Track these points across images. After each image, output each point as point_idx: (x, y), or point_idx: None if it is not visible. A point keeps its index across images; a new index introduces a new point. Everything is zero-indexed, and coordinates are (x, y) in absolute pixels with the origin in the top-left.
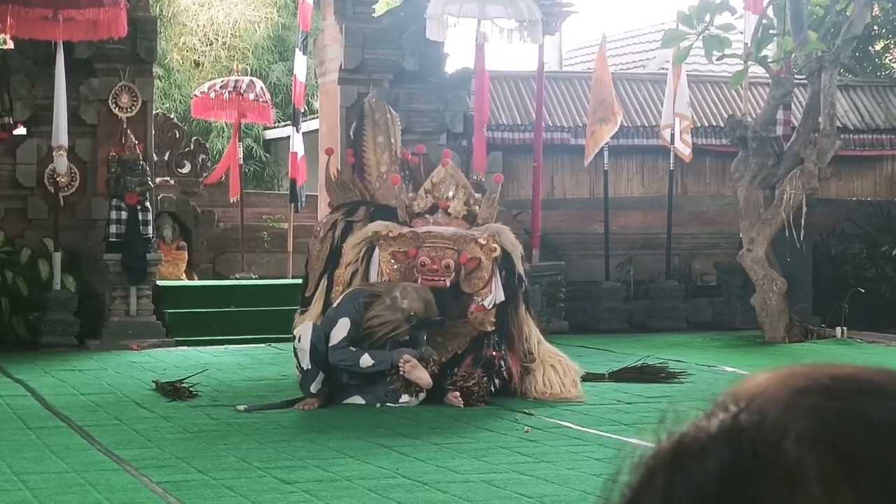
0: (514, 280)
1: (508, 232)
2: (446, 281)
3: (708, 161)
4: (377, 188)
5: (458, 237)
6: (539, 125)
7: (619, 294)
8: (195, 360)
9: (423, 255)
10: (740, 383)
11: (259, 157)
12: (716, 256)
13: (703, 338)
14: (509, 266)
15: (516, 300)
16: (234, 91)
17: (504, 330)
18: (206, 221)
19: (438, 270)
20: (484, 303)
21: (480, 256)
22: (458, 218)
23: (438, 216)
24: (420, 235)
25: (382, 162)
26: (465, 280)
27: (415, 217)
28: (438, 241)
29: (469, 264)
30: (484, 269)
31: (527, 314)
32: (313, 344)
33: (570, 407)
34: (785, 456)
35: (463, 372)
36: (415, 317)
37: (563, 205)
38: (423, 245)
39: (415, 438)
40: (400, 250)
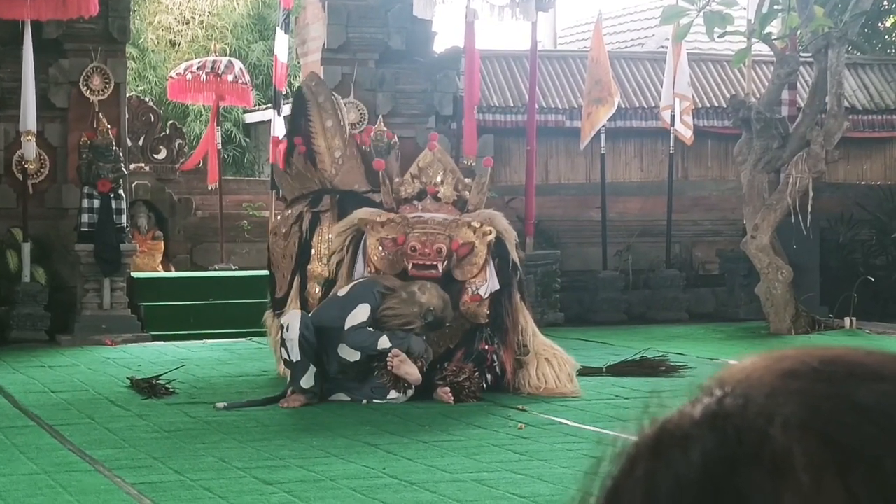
0: (507, 268)
1: (501, 217)
2: (439, 267)
3: (710, 144)
4: (334, 174)
5: (449, 222)
6: (532, 107)
7: (617, 284)
8: (172, 356)
9: (414, 241)
10: (727, 367)
11: (239, 142)
12: (718, 244)
13: (706, 329)
14: (503, 253)
15: (511, 289)
16: (212, 72)
17: (498, 322)
18: (182, 210)
19: (430, 255)
20: (479, 291)
21: (474, 241)
22: (448, 203)
23: (427, 202)
24: (409, 221)
25: (335, 147)
26: (457, 267)
27: (402, 203)
28: (429, 227)
29: (461, 250)
30: (478, 255)
31: (521, 304)
32: (301, 334)
33: (566, 403)
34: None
35: (453, 366)
36: (432, 314)
37: (558, 190)
38: (413, 231)
39: (402, 436)
40: (388, 237)
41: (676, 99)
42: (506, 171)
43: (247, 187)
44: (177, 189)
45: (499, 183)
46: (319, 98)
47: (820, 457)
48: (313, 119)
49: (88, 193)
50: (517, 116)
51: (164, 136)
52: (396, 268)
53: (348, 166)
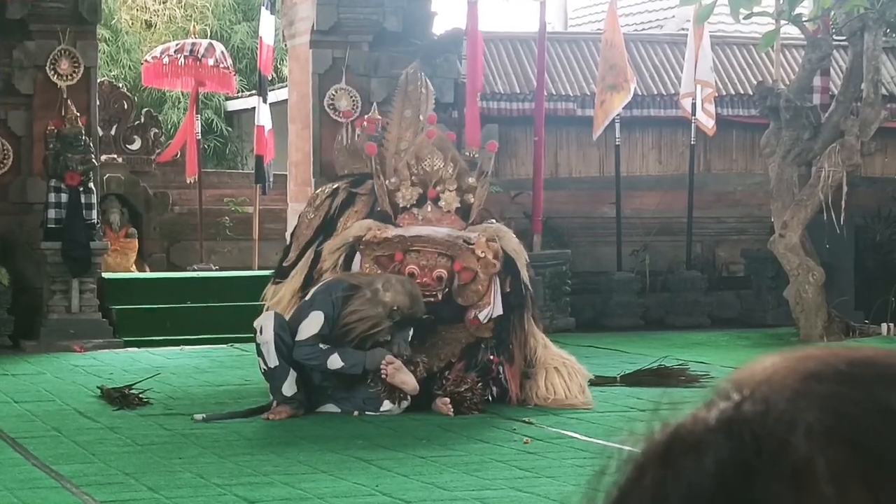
0: (519, 288)
1: (511, 235)
2: (438, 295)
3: (734, 134)
4: (392, 164)
5: (451, 242)
6: (541, 94)
7: (633, 286)
8: (146, 364)
9: (412, 264)
10: (745, 369)
11: (220, 132)
12: (743, 243)
13: (729, 336)
14: (513, 272)
15: (522, 310)
16: (191, 56)
17: (503, 340)
18: (158, 205)
19: (430, 284)
20: (479, 315)
21: (477, 269)
22: (451, 212)
23: (427, 210)
24: (408, 240)
25: (404, 138)
26: (458, 291)
27: (400, 212)
28: (429, 247)
29: (464, 275)
30: (479, 283)
31: (532, 324)
32: (277, 335)
33: (577, 415)
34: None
35: (455, 376)
36: (398, 312)
37: (569, 185)
38: (411, 249)
39: (397, 451)
40: (384, 254)
41: (698, 86)
42: (511, 164)
43: (228, 181)
44: (152, 182)
45: (504, 176)
46: (409, 87)
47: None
48: (395, 105)
49: (55, 187)
50: (524, 104)
51: (138, 125)
52: None
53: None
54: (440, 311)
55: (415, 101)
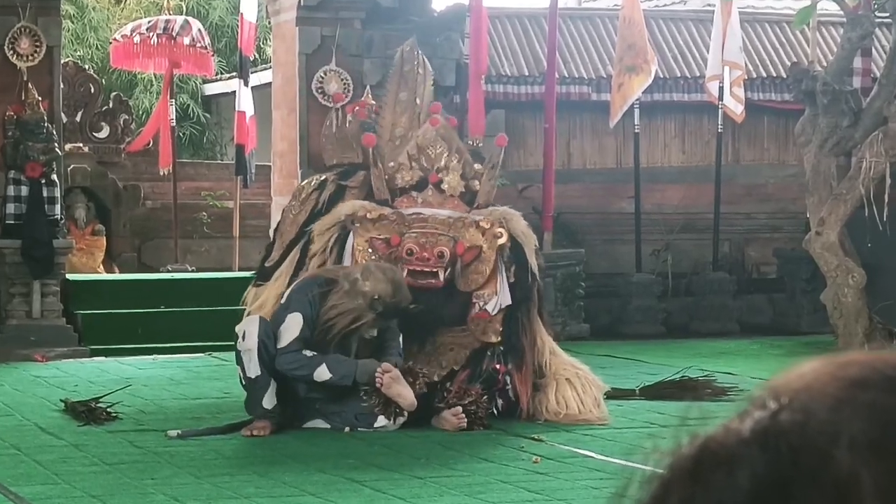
0: (526, 278)
1: (519, 217)
2: (439, 275)
3: (766, 121)
4: (387, 153)
5: (454, 221)
6: (552, 76)
7: (654, 289)
8: (115, 374)
9: (410, 242)
10: (783, 376)
11: (197, 118)
12: (776, 242)
13: (760, 344)
14: (520, 260)
15: (528, 303)
16: (165, 34)
17: (512, 341)
18: (129, 199)
19: (430, 260)
20: (486, 307)
21: (481, 244)
22: (454, 197)
23: (428, 193)
24: (406, 218)
25: (399, 124)
26: (461, 276)
27: (398, 195)
28: (429, 227)
29: (467, 255)
30: (485, 262)
31: (539, 321)
32: (261, 342)
33: (591, 431)
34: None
35: (457, 388)
36: (380, 302)
37: (583, 177)
38: (410, 230)
39: (393, 471)
40: (380, 237)
41: (726, 67)
42: (519, 154)
43: (206, 172)
44: (122, 174)
45: (511, 168)
46: (405, 67)
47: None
48: (389, 88)
49: (15, 179)
50: (533, 88)
51: (106, 111)
52: None
53: (402, 149)
54: (441, 310)
55: (411, 83)
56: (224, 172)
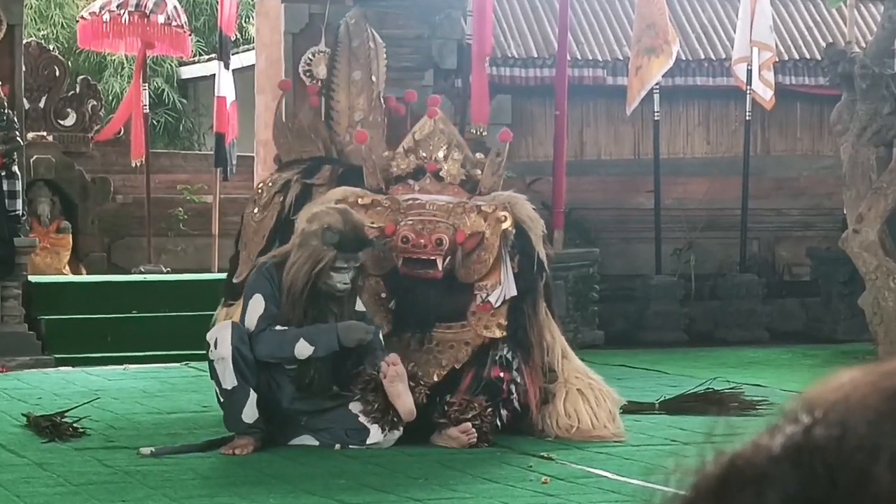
0: (531, 267)
1: (525, 202)
2: (437, 263)
3: (799, 108)
4: (348, 142)
5: (453, 207)
6: (563, 58)
7: (675, 293)
8: (82, 386)
9: (406, 229)
10: (817, 386)
11: (172, 104)
12: (810, 240)
13: (792, 353)
14: (525, 248)
15: (535, 295)
16: (137, 12)
17: (518, 336)
18: (97, 193)
19: (427, 247)
20: (489, 298)
21: (484, 230)
22: (455, 185)
23: (426, 182)
24: (402, 205)
25: (357, 107)
26: (462, 266)
27: (393, 183)
28: (427, 213)
29: (468, 243)
30: (487, 249)
31: (548, 316)
32: (236, 349)
33: (606, 449)
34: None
35: (459, 400)
36: (332, 231)
37: (597, 169)
38: (407, 217)
39: (388, 492)
40: (373, 225)
41: (754, 49)
42: (528, 144)
43: (183, 164)
44: (90, 166)
45: (518, 159)
46: (354, 42)
47: None
48: (339, 67)
49: None
50: (543, 71)
51: (72, 96)
52: (384, 266)
53: (356, 139)
54: (439, 303)
55: (363, 61)
56: (202, 164)
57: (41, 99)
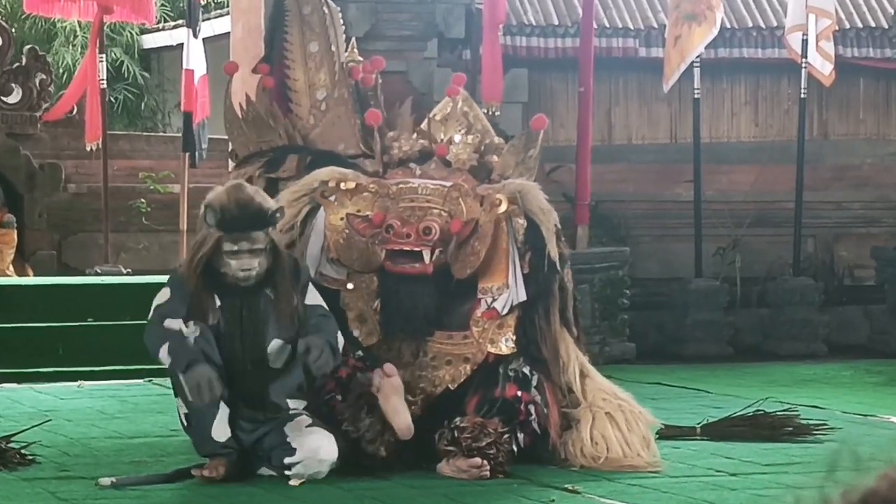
0: (542, 266)
1: (537, 190)
2: (424, 255)
3: (862, 85)
4: (312, 125)
5: (448, 191)
6: (589, 27)
7: (719, 299)
8: (30, 406)
9: (393, 217)
10: None
11: (133, 78)
12: (874, 238)
13: (854, 370)
14: (537, 245)
15: (548, 300)
16: None
17: (531, 352)
18: (46, 181)
19: (411, 236)
20: (496, 304)
21: (478, 217)
22: (463, 171)
23: (431, 167)
24: (391, 190)
25: (319, 84)
26: (454, 257)
27: (393, 167)
28: (419, 199)
29: (465, 231)
30: (481, 238)
31: (563, 328)
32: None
33: (640, 480)
34: None
35: (472, 423)
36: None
37: (628, 155)
38: (397, 205)
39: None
40: (359, 213)
41: (811, 16)
42: (547, 126)
43: (146, 148)
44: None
45: None
46: (304, 9)
47: None
48: (291, 39)
49: None
50: (565, 41)
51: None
52: (372, 260)
53: (334, 115)
54: (434, 307)
55: (319, 29)
56: (168, 148)
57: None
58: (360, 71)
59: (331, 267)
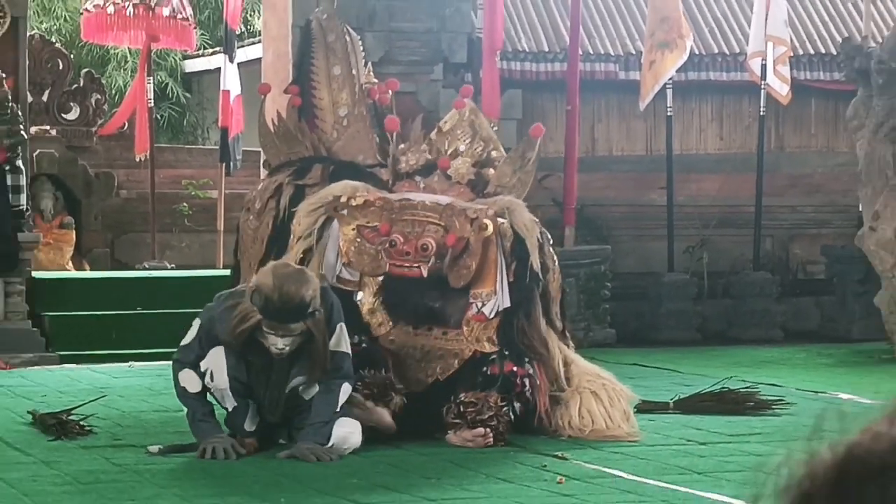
0: (525, 276)
1: (523, 208)
2: (422, 269)
3: (813, 103)
4: (335, 139)
5: (444, 209)
6: (575, 53)
7: (688, 291)
8: (87, 383)
9: (396, 233)
10: None
11: (176, 98)
12: (824, 238)
13: (807, 353)
14: (522, 256)
15: (529, 306)
16: (142, 4)
17: (511, 350)
18: (101, 188)
19: (411, 254)
20: (484, 309)
21: (468, 236)
22: (461, 184)
23: (434, 180)
24: (394, 204)
25: (341, 103)
26: (450, 269)
27: (400, 179)
28: (419, 214)
29: (457, 245)
30: (471, 255)
31: (549, 329)
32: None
33: (620, 448)
34: None
35: (473, 398)
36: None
37: (609, 165)
38: (400, 218)
39: (401, 492)
40: (368, 224)
41: (769, 43)
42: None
43: (188, 159)
44: (93, 161)
45: None
46: (329, 37)
47: None
48: (317, 64)
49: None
50: (554, 65)
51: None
52: (380, 265)
53: (354, 129)
54: (432, 308)
55: (341, 55)
56: (207, 159)
57: (44, 93)
58: (376, 91)
59: (346, 271)
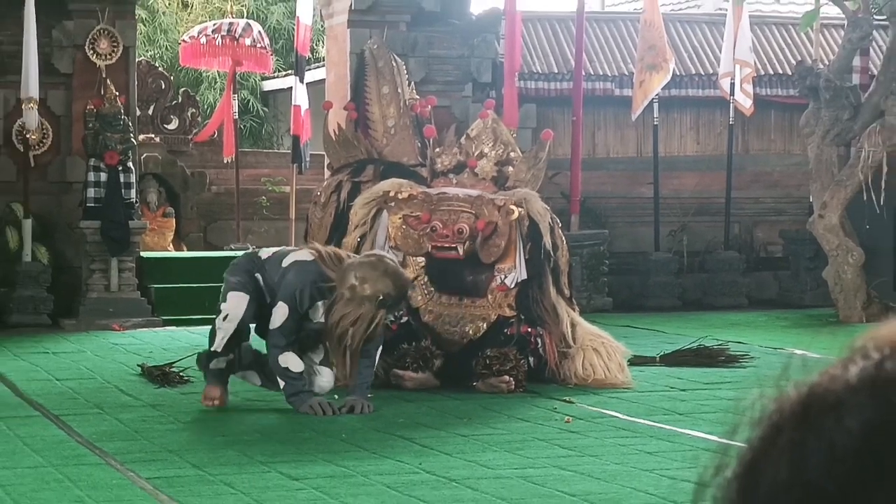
0: (538, 254)
1: (537, 198)
2: (459, 249)
3: (773, 114)
4: (385, 145)
5: (475, 199)
6: (579, 74)
7: (671, 267)
8: (185, 342)
9: (436, 220)
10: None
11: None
12: (782, 224)
13: (768, 317)
14: (536, 238)
15: (541, 279)
16: (229, 36)
17: (527, 315)
18: (196, 184)
19: (449, 237)
20: (506, 281)
21: (497, 220)
22: (486, 180)
23: (464, 177)
24: (433, 197)
25: (389, 116)
26: (481, 249)
27: (437, 176)
28: (454, 204)
29: (486, 229)
30: (500, 236)
31: (559, 297)
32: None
33: (617, 394)
34: None
35: (495, 353)
36: (389, 299)
37: (607, 165)
38: (438, 209)
39: (439, 430)
40: (412, 214)
41: (737, 65)
42: (549, 144)
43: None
44: (189, 162)
45: None
46: (379, 63)
47: None
48: (370, 85)
49: (95, 166)
50: (562, 84)
51: (175, 105)
52: (421, 247)
53: (400, 137)
54: (463, 281)
55: (388, 77)
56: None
57: (150, 107)
58: (418, 106)
59: (391, 252)
